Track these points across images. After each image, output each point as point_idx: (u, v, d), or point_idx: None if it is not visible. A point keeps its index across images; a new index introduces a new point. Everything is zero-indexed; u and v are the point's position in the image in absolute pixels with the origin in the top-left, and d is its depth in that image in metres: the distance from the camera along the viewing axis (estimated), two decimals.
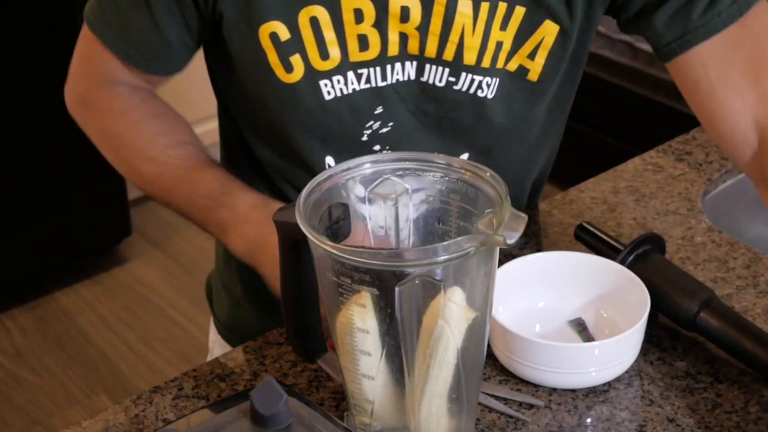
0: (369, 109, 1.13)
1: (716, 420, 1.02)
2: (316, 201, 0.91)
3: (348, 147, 1.15)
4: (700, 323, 1.09)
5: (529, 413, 1.03)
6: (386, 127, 1.14)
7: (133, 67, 1.19)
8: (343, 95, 1.11)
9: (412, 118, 1.14)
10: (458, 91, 1.12)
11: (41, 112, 2.71)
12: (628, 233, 1.29)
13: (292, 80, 1.10)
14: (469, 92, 1.12)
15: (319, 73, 1.10)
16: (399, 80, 1.12)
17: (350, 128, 1.13)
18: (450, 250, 0.83)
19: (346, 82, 1.11)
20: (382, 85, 1.11)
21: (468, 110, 1.14)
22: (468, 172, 0.92)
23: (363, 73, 1.11)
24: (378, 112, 1.13)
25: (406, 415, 0.92)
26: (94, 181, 2.87)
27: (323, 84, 1.10)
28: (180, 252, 3.08)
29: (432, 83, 1.12)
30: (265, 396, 0.86)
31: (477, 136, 1.17)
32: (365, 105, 1.12)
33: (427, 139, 1.16)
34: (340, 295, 0.87)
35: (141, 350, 2.73)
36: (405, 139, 1.15)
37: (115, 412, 1.05)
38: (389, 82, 1.11)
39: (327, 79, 1.10)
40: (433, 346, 0.88)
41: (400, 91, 1.12)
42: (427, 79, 1.12)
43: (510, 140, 1.20)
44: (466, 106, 1.13)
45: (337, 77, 1.10)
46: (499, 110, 1.14)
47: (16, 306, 2.86)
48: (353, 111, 1.12)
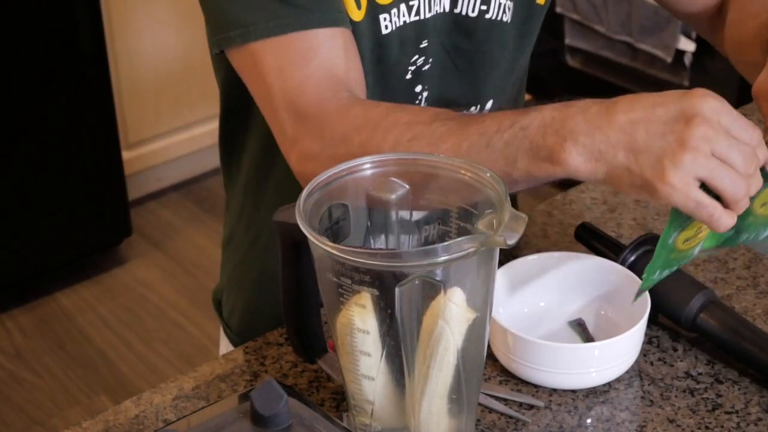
0: (415, 42, 1.14)
1: (716, 421, 1.02)
2: (316, 201, 0.91)
3: (395, 90, 1.14)
4: (701, 324, 1.09)
5: (529, 414, 1.03)
6: (427, 64, 1.16)
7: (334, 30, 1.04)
8: (396, 28, 1.12)
9: (446, 55, 1.16)
10: (489, 21, 1.14)
11: (42, 112, 2.71)
12: (628, 234, 1.29)
13: (359, 17, 1.10)
14: (496, 19, 1.15)
15: (380, 6, 1.11)
16: (438, 11, 1.13)
17: (400, 64, 1.14)
18: (450, 251, 0.83)
19: (398, 14, 1.12)
20: (426, 17, 1.13)
21: (494, 40, 1.16)
22: (468, 172, 0.92)
23: (413, 5, 1.12)
24: (423, 45, 1.14)
25: (406, 415, 0.92)
26: (94, 181, 2.87)
27: (382, 18, 1.11)
28: (180, 252, 3.08)
29: (465, 14, 1.14)
30: (266, 396, 0.86)
31: (501, 75, 1.20)
32: (413, 38, 1.13)
33: (459, 83, 1.17)
34: (340, 295, 0.87)
35: (141, 351, 2.73)
36: (440, 80, 1.17)
37: (115, 413, 1.05)
38: (432, 13, 1.13)
39: (386, 13, 1.11)
40: (433, 346, 0.88)
41: (438, 24, 1.14)
42: (460, 10, 1.14)
43: (519, 76, 1.25)
44: (495, 36, 1.16)
45: (393, 10, 1.11)
46: (516, 35, 1.18)
47: (16, 306, 2.86)
48: (402, 44, 1.13)
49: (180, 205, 3.25)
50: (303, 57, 1.03)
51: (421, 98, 1.18)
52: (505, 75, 1.23)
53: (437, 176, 0.93)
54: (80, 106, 2.76)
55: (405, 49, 1.14)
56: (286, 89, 1.03)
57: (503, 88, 1.25)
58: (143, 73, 3.05)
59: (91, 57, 2.76)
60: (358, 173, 0.94)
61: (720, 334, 1.08)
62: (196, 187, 3.30)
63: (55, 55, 2.69)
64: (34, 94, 2.69)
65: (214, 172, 3.29)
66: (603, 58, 3.05)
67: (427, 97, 1.18)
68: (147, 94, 3.08)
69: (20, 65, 2.64)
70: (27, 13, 2.62)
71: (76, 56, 2.73)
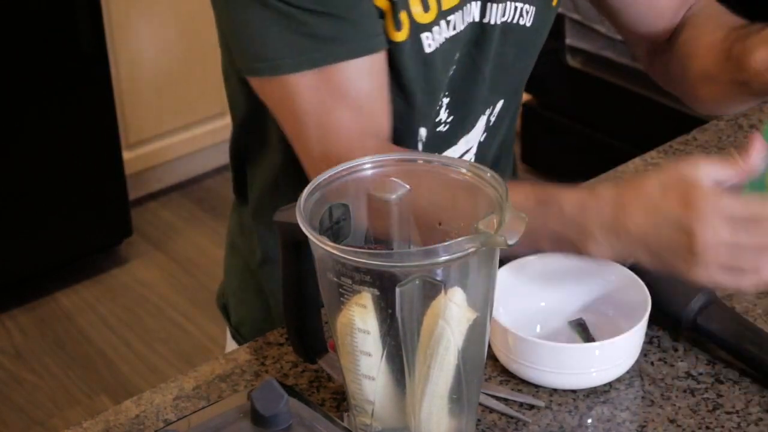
0: (452, 55, 1.15)
1: (717, 421, 1.02)
2: (316, 201, 0.91)
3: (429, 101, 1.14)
4: (701, 324, 1.09)
5: (529, 414, 1.03)
6: (454, 72, 1.17)
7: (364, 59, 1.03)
8: (439, 46, 1.12)
9: (470, 61, 1.17)
10: (510, 25, 1.16)
11: (42, 112, 2.71)
12: None
13: (400, 38, 1.09)
14: (514, 22, 1.16)
15: (422, 26, 1.10)
16: (468, 22, 1.14)
17: (442, 79, 1.14)
18: (451, 251, 0.83)
19: (440, 31, 1.12)
20: (461, 30, 1.14)
21: (514, 43, 1.18)
22: (469, 172, 0.92)
23: (451, 20, 1.12)
24: (456, 57, 1.15)
25: (406, 415, 0.92)
26: (94, 181, 2.87)
27: (425, 37, 1.11)
28: (180, 253, 3.08)
29: (493, 23, 1.15)
30: (266, 396, 0.86)
31: (514, 77, 1.22)
32: (450, 51, 1.14)
33: (477, 87, 1.18)
34: (340, 295, 0.87)
35: (141, 351, 2.73)
36: (461, 86, 1.17)
37: (115, 413, 1.05)
38: (465, 25, 1.14)
39: (428, 32, 1.11)
40: (434, 346, 0.88)
41: (467, 34, 1.15)
42: (489, 19, 1.15)
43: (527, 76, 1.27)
44: (513, 39, 1.17)
45: (435, 27, 1.11)
46: (534, 39, 1.21)
47: (16, 306, 2.86)
48: (444, 60, 1.14)
49: (180, 205, 3.25)
50: (332, 95, 1.03)
51: (441, 104, 1.18)
52: (520, 77, 1.24)
53: (437, 176, 0.94)
54: (80, 106, 2.76)
55: (445, 64, 1.15)
56: (319, 128, 1.04)
57: (517, 89, 1.26)
58: (144, 73, 3.05)
59: (92, 57, 2.76)
60: (358, 173, 0.94)
61: (720, 335, 1.08)
62: (197, 187, 3.29)
63: (55, 55, 2.69)
64: (34, 94, 2.68)
65: (214, 172, 3.29)
66: (604, 58, 3.04)
67: (448, 104, 1.18)
68: (147, 94, 3.08)
69: (20, 65, 2.64)
70: (27, 14, 2.62)
71: (76, 56, 2.73)
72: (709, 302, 1.10)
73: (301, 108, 1.04)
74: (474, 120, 1.22)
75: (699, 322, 1.09)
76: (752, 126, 1.51)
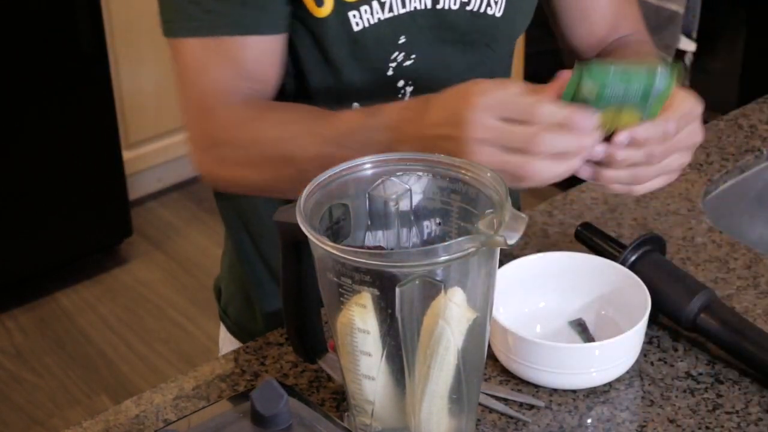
0: (393, 38, 1.15)
1: (717, 421, 1.02)
2: (316, 201, 0.91)
3: (376, 85, 1.17)
4: (701, 324, 1.09)
5: (529, 414, 1.03)
6: (409, 60, 1.17)
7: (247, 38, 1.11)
8: (370, 25, 1.13)
9: (431, 49, 1.18)
10: (470, 12, 1.16)
11: (42, 112, 2.71)
12: (628, 234, 1.29)
13: (322, 14, 1.11)
14: (480, 11, 1.17)
15: (348, 4, 1.12)
16: (417, 8, 1.15)
17: (377, 61, 1.16)
18: (451, 251, 0.83)
19: (371, 11, 1.13)
20: (402, 13, 1.14)
21: (480, 32, 1.18)
22: (469, 172, 0.92)
23: (385, 2, 1.13)
24: (401, 42, 1.16)
25: (406, 415, 0.92)
26: (94, 181, 2.87)
27: (352, 15, 1.12)
28: (180, 252, 3.08)
29: (447, 8, 1.16)
30: (266, 396, 0.86)
31: (485, 67, 1.22)
32: (389, 35, 1.15)
33: (444, 75, 1.18)
34: (340, 295, 0.87)
35: (141, 350, 2.73)
36: (425, 74, 1.18)
37: (115, 413, 1.05)
38: (408, 9, 1.14)
39: (355, 10, 1.12)
40: (434, 346, 0.88)
41: (418, 20, 1.15)
42: (443, 5, 1.15)
43: (504, 67, 1.28)
44: (479, 28, 1.18)
45: (365, 7, 1.12)
46: (505, 30, 1.21)
47: (16, 306, 2.86)
48: (379, 41, 1.15)
49: (180, 205, 3.25)
50: (214, 61, 1.12)
51: (404, 92, 1.19)
52: (490, 67, 1.24)
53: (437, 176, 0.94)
54: (81, 106, 2.76)
55: (382, 45, 1.15)
56: (197, 78, 1.14)
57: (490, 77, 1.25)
58: (144, 73, 3.05)
59: (92, 57, 2.76)
60: (358, 173, 0.94)
61: (720, 334, 1.08)
62: (196, 187, 3.29)
63: (55, 56, 2.69)
64: (34, 94, 2.69)
65: None
66: None
67: (412, 92, 1.19)
68: (147, 94, 3.08)
69: (21, 65, 2.65)
70: (27, 14, 2.62)
71: (76, 56, 2.73)
72: (709, 302, 1.10)
73: (185, 66, 1.15)
74: None
75: (699, 322, 1.09)
76: (752, 126, 1.51)
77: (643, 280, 1.10)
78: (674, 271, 1.14)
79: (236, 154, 1.12)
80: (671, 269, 1.14)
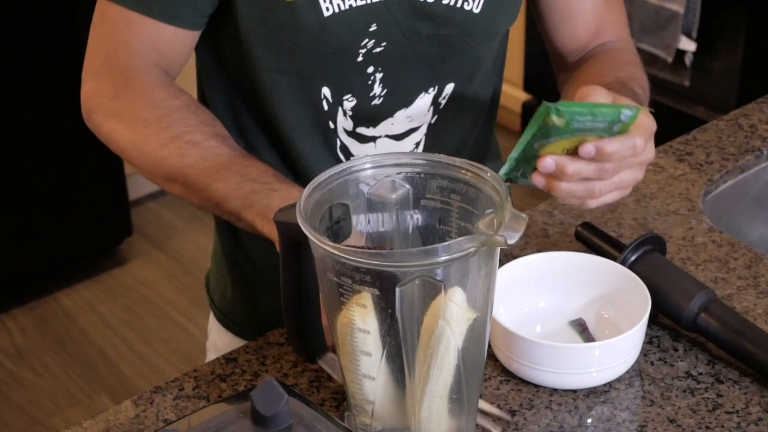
0: (364, 26, 1.15)
1: (717, 420, 1.02)
2: (316, 201, 0.91)
3: (344, 70, 1.18)
4: (701, 324, 1.09)
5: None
6: (379, 47, 1.17)
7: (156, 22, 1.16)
8: (340, 11, 1.14)
9: (403, 39, 1.18)
10: (446, 6, 1.17)
11: (42, 112, 2.71)
12: (628, 234, 1.29)
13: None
14: (457, 5, 1.17)
15: None
16: None
17: (347, 46, 1.16)
18: (451, 251, 0.83)
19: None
20: (373, 2, 1.15)
21: (457, 26, 1.18)
22: (469, 172, 0.92)
23: None
24: (372, 29, 1.16)
25: (406, 415, 0.92)
26: (95, 181, 2.87)
27: (322, 1, 1.13)
28: (180, 252, 3.08)
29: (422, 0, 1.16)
30: (266, 396, 0.86)
31: (463, 60, 1.22)
32: (360, 22, 1.15)
33: (417, 64, 1.20)
34: (340, 295, 0.87)
35: (142, 350, 2.73)
36: (396, 62, 1.19)
37: (115, 413, 1.05)
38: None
39: None
40: (434, 346, 0.88)
41: (392, 9, 1.16)
42: None
43: (488, 62, 1.27)
44: (455, 21, 1.18)
45: None
46: (484, 26, 1.20)
47: (16, 306, 2.86)
48: (350, 27, 1.15)
49: (180, 205, 3.25)
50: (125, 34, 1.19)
51: (374, 78, 1.20)
52: (468, 60, 1.24)
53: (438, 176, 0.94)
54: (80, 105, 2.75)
55: (353, 32, 1.16)
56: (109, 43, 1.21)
57: (465, 71, 1.26)
58: None
59: None
60: (359, 173, 0.94)
61: (720, 334, 1.08)
62: None
63: (55, 55, 2.69)
64: (34, 94, 2.68)
65: None
66: None
67: (382, 78, 1.20)
68: None
69: (20, 65, 2.64)
70: (27, 14, 2.62)
71: (76, 56, 2.72)
72: (709, 302, 1.10)
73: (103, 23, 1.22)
74: (413, 97, 1.22)
75: (699, 322, 1.09)
76: (752, 126, 1.51)
77: (643, 280, 1.10)
78: (674, 271, 1.14)
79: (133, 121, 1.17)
80: (671, 269, 1.14)
